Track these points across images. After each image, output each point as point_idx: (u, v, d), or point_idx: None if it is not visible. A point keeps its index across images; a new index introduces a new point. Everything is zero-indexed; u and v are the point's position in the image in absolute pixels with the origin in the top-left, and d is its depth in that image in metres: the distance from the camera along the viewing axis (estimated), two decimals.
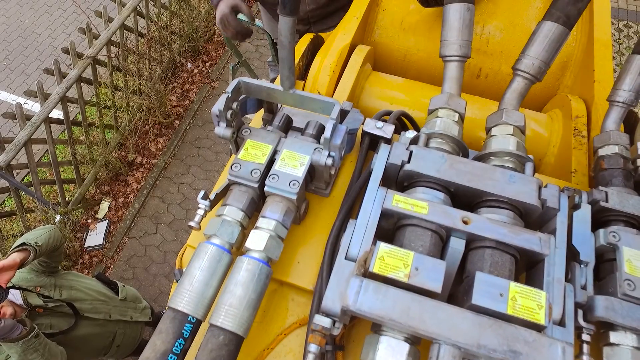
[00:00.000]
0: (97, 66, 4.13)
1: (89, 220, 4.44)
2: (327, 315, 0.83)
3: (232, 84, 0.95)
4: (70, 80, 3.85)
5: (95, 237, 4.36)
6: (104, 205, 4.51)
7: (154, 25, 4.84)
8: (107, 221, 4.43)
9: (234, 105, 0.97)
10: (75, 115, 4.32)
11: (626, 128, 1.34)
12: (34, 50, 5.84)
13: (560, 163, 1.36)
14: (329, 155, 0.94)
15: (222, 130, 0.98)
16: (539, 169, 1.45)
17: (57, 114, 3.89)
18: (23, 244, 2.08)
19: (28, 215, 3.94)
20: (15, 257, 1.99)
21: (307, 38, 1.52)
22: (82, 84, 4.02)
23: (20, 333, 1.89)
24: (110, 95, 4.31)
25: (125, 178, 4.65)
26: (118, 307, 2.72)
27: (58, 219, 4.04)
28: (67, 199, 4.23)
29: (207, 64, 5.42)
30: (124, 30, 4.39)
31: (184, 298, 0.86)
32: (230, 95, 0.94)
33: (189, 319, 0.86)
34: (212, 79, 5.32)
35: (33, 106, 5.09)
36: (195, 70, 5.31)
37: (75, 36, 4.93)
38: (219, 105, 0.93)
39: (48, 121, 3.75)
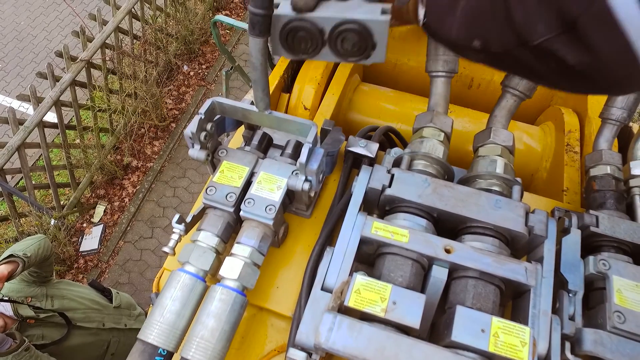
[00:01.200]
0: (91, 69, 4.09)
1: (84, 225, 4.41)
2: (302, 349, 0.80)
3: (206, 104, 0.92)
4: (63, 84, 3.81)
5: (90, 241, 4.33)
6: (99, 209, 4.49)
7: (150, 27, 4.80)
8: (102, 225, 4.40)
9: (208, 126, 0.93)
10: (70, 119, 4.29)
11: (620, 143, 1.30)
12: (29, 52, 5.81)
13: (553, 179, 1.32)
14: (305, 180, 0.91)
15: (196, 152, 0.95)
16: (530, 184, 1.41)
17: (52, 117, 3.86)
18: (11, 255, 2.05)
19: (22, 219, 3.92)
20: (2, 269, 1.95)
21: None
22: (76, 87, 3.99)
23: (10, 347, 1.86)
24: (105, 99, 4.28)
25: (120, 182, 4.62)
26: (112, 315, 2.69)
27: (53, 223, 4.01)
28: (62, 203, 4.20)
29: (204, 67, 5.38)
30: (119, 33, 4.36)
31: (154, 330, 0.83)
32: (203, 117, 0.90)
33: (159, 351, 0.82)
34: (208, 82, 5.28)
35: (29, 109, 5.05)
36: (192, 73, 5.28)
37: (71, 39, 4.89)
38: (192, 127, 0.90)
39: (42, 125, 3.72)
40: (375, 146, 1.08)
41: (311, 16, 0.76)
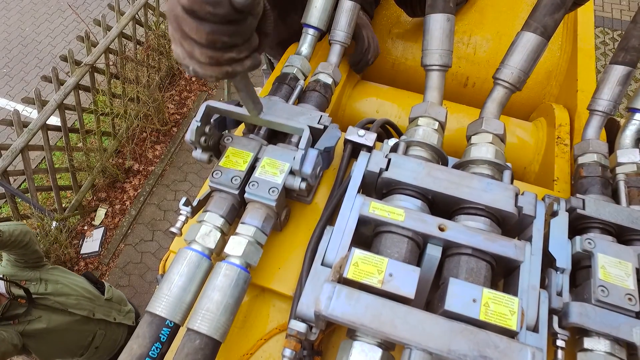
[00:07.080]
0: (95, 74, 4.16)
1: (85, 227, 4.45)
2: (303, 320, 0.84)
3: (201, 110, 0.96)
4: (67, 88, 3.88)
5: (91, 243, 4.37)
6: (101, 212, 4.52)
7: (153, 33, 4.88)
8: (103, 228, 4.43)
9: (207, 129, 0.98)
10: (73, 123, 4.35)
11: (609, 136, 1.35)
12: (33, 57, 5.89)
13: (545, 171, 1.38)
14: (302, 180, 0.96)
15: (198, 155, 1.00)
16: (523, 177, 1.46)
17: (55, 121, 3.92)
18: None
19: (24, 221, 3.95)
20: None
21: (293, 48, 1.53)
22: (80, 91, 4.05)
23: None
24: (108, 103, 4.35)
25: (122, 185, 4.67)
26: (103, 307, 2.73)
27: (54, 225, 4.05)
28: (63, 205, 4.24)
29: None
30: (123, 39, 4.44)
31: (162, 302, 0.87)
32: (200, 124, 0.95)
33: (166, 323, 0.86)
34: (209, 87, 5.36)
35: (32, 113, 5.12)
36: (193, 78, 5.35)
37: (75, 44, 4.97)
38: (190, 135, 0.95)
39: (45, 128, 3.77)
40: (373, 136, 1.12)
41: (264, 119, 1.00)
